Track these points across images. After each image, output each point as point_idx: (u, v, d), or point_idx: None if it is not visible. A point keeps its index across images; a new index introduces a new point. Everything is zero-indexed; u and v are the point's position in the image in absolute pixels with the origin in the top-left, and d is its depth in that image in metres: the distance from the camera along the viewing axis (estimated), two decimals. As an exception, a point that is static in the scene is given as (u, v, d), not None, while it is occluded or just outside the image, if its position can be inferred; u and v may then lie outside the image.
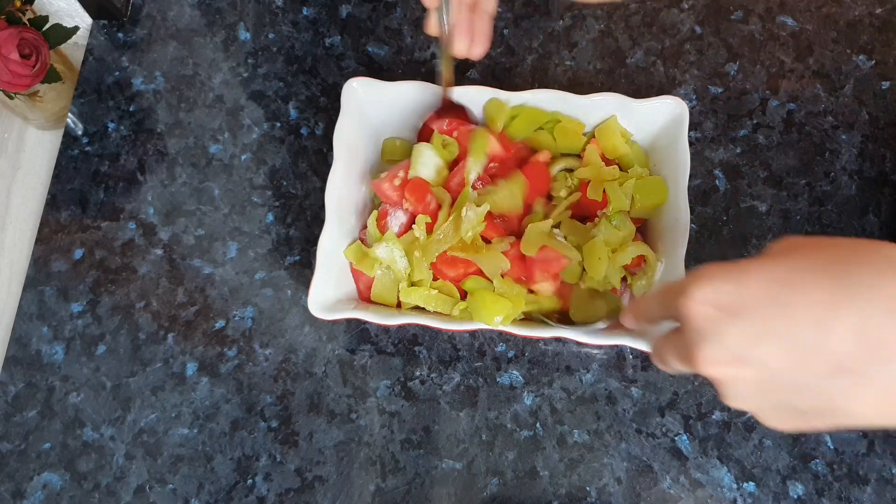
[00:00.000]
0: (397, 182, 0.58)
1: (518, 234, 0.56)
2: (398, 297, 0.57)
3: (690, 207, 0.54)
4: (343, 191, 0.58)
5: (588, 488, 0.56)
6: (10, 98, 0.68)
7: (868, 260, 0.32)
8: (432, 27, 0.53)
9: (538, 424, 0.57)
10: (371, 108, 0.60)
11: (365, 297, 0.58)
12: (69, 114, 0.69)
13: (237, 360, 0.60)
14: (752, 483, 0.55)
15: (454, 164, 0.59)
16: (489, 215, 0.55)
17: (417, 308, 0.56)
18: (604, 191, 0.57)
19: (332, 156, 0.57)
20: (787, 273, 0.34)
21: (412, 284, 0.56)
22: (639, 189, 0.57)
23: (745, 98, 0.66)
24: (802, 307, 0.32)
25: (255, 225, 0.65)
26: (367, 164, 0.62)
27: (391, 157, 0.63)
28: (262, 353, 0.61)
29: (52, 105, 0.72)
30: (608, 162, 0.59)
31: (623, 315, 0.46)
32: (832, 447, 0.56)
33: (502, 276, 0.55)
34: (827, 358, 0.32)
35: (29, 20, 0.66)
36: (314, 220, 0.64)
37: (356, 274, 0.58)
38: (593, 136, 0.60)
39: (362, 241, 0.58)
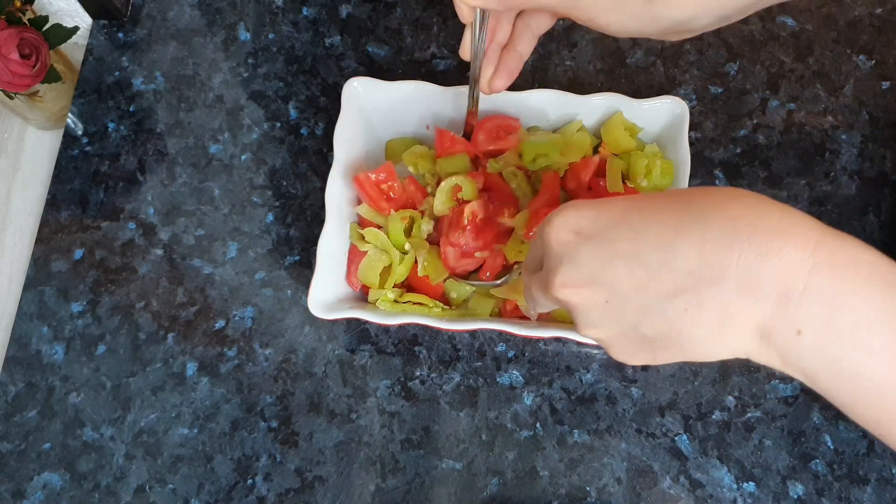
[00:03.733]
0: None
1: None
2: (378, 280, 0.58)
3: (690, 207, 0.54)
4: (343, 191, 0.58)
5: (588, 488, 0.56)
6: (10, 98, 0.68)
7: (712, 192, 0.34)
8: (465, 51, 0.52)
9: (538, 424, 0.57)
10: (371, 108, 0.60)
11: (354, 279, 0.59)
12: (69, 114, 0.69)
13: (237, 360, 0.60)
14: (752, 483, 0.55)
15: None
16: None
17: (417, 307, 0.57)
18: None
19: (332, 156, 0.57)
20: (642, 202, 0.36)
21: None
22: (656, 169, 0.57)
23: (745, 98, 0.66)
24: (651, 230, 0.34)
25: (255, 225, 0.65)
26: (368, 164, 0.62)
27: (396, 158, 0.63)
28: (262, 353, 0.61)
29: (52, 105, 0.72)
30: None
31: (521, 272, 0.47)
32: (832, 447, 0.56)
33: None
34: (669, 278, 0.33)
35: (29, 20, 0.66)
36: (314, 220, 0.64)
37: (352, 256, 0.59)
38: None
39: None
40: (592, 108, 0.59)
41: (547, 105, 0.60)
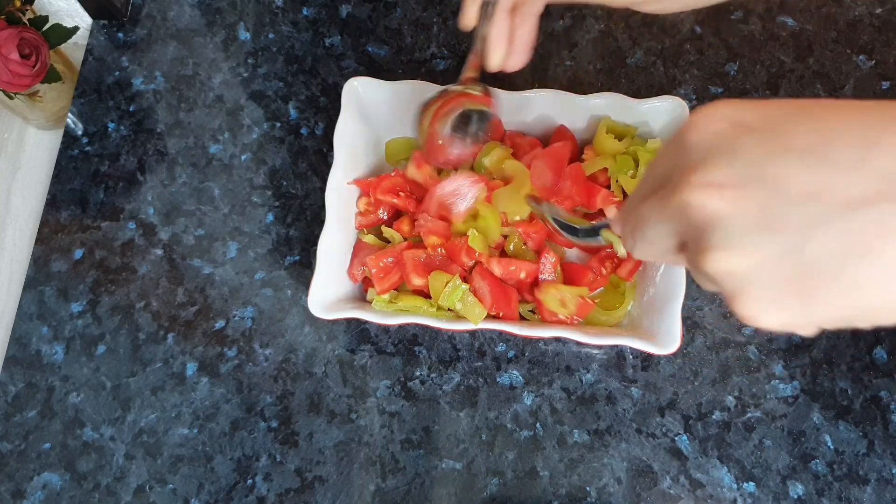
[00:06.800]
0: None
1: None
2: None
3: (690, 207, 0.54)
4: (343, 191, 0.58)
5: (588, 488, 0.56)
6: (10, 98, 0.68)
7: None
8: (468, 19, 0.45)
9: (538, 424, 0.57)
10: (371, 107, 0.60)
11: (355, 272, 0.59)
12: (69, 114, 0.69)
13: (237, 360, 0.60)
14: (752, 483, 0.55)
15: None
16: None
17: (412, 307, 0.57)
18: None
19: (332, 156, 0.57)
20: (823, 101, 0.27)
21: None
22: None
23: (745, 98, 0.66)
24: (843, 122, 0.26)
25: (255, 225, 0.65)
26: (368, 164, 0.62)
27: (396, 158, 0.63)
28: (262, 353, 0.61)
29: (52, 105, 0.72)
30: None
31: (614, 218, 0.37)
32: (832, 447, 0.56)
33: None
34: (863, 181, 0.24)
35: (29, 20, 0.66)
36: (314, 220, 0.64)
37: (356, 250, 0.59)
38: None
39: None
40: (592, 108, 0.59)
41: (547, 105, 0.60)
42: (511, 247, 0.57)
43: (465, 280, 0.55)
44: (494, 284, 0.55)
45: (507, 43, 0.46)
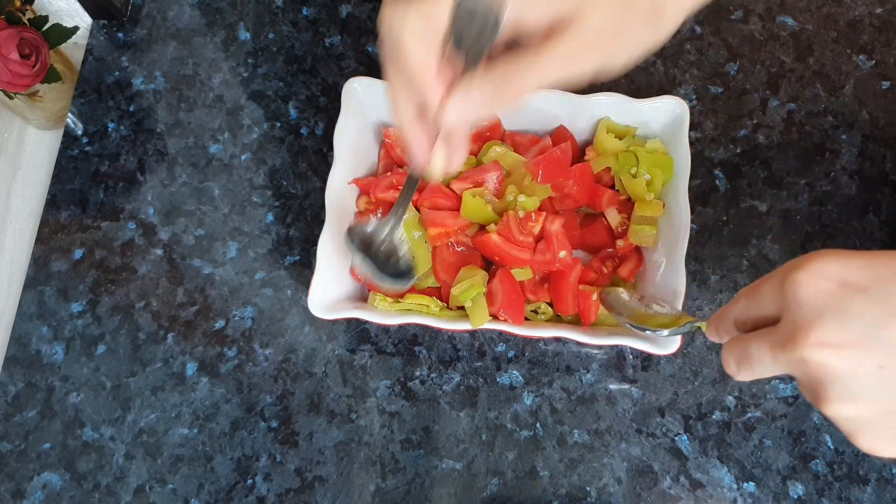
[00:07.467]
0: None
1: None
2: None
3: (690, 207, 0.54)
4: (343, 191, 0.58)
5: (588, 488, 0.56)
6: (10, 98, 0.68)
7: None
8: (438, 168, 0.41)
9: (538, 424, 0.57)
10: (371, 107, 0.60)
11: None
12: (69, 114, 0.69)
13: (237, 360, 0.60)
14: (752, 483, 0.55)
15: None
16: None
17: (417, 305, 0.57)
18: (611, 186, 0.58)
19: (332, 156, 0.57)
20: None
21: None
22: (653, 163, 0.57)
23: (745, 98, 0.66)
24: None
25: (255, 225, 0.65)
26: (368, 164, 0.62)
27: None
28: (262, 353, 0.61)
29: (52, 105, 0.72)
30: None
31: (708, 327, 0.40)
32: (832, 447, 0.56)
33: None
34: None
35: (29, 20, 0.66)
36: (314, 220, 0.64)
37: None
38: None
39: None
40: (592, 107, 0.59)
41: (548, 105, 0.60)
42: None
43: (490, 275, 0.56)
44: (511, 290, 0.55)
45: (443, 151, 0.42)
